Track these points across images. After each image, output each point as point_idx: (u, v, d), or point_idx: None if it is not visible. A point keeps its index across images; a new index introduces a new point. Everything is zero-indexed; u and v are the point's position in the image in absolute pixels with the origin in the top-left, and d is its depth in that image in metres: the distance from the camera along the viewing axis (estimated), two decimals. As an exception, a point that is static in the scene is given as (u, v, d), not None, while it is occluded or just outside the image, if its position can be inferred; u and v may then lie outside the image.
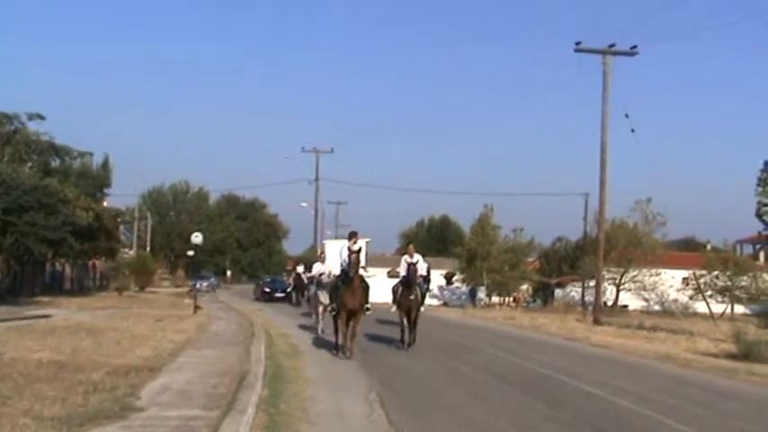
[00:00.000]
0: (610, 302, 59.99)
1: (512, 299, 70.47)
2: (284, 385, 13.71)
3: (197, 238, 39.29)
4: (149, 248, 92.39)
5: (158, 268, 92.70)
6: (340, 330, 19.58)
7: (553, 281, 74.52)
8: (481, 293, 65.63)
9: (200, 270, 72.54)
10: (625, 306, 61.98)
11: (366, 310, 19.57)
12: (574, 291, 68.49)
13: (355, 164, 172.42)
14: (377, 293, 22.49)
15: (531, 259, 75.97)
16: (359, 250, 18.96)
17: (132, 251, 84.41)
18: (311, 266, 33.51)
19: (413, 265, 21.66)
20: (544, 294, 75.21)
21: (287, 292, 53.81)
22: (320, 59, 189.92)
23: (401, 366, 17.94)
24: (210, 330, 24.99)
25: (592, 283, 51.11)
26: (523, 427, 11.23)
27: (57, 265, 61.08)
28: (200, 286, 46.66)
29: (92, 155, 57.65)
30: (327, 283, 23.67)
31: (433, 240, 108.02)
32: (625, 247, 59.62)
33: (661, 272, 62.34)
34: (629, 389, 15.10)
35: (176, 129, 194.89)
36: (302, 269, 44.24)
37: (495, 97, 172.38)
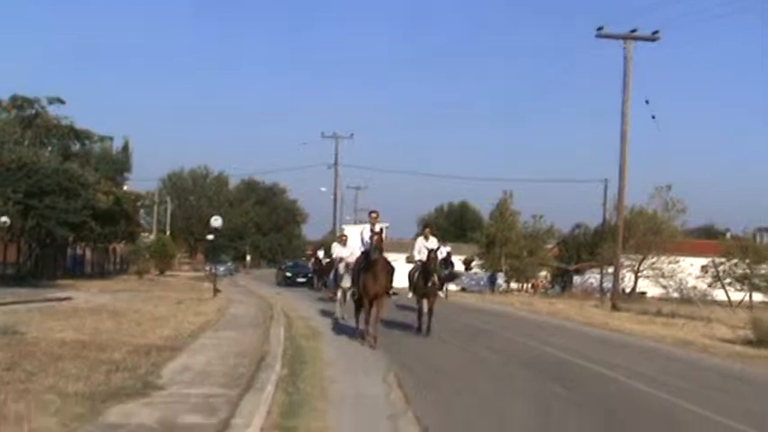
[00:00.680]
0: (628, 289, 59.98)
1: (530, 285, 70.48)
2: (303, 366, 13.82)
3: (216, 221, 39.32)
4: (169, 232, 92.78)
5: (178, 252, 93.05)
6: (361, 315, 18.76)
7: (572, 267, 74.49)
8: (500, 279, 65.67)
9: (220, 254, 72.82)
10: (643, 293, 61.95)
11: (390, 294, 18.94)
12: (592, 277, 68.41)
13: (374, 149, 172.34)
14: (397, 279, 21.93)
15: (550, 245, 75.89)
16: (381, 231, 17.96)
17: (152, 235, 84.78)
18: (330, 249, 33.49)
19: (433, 252, 20.69)
20: (563, 281, 75.19)
21: (309, 277, 53.75)
22: (340, 44, 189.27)
23: (419, 350, 18.02)
24: (230, 313, 25.07)
25: (610, 270, 51.01)
26: (540, 408, 11.30)
27: (77, 248, 61.43)
28: (217, 271, 46.73)
29: (112, 139, 57.76)
30: (349, 267, 23.54)
31: (451, 226, 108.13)
32: (644, 234, 59.60)
33: (680, 259, 62.33)
34: (645, 372, 15.16)
35: (198, 114, 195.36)
36: (322, 254, 44.28)
37: (515, 83, 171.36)
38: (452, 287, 44.71)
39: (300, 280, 55.15)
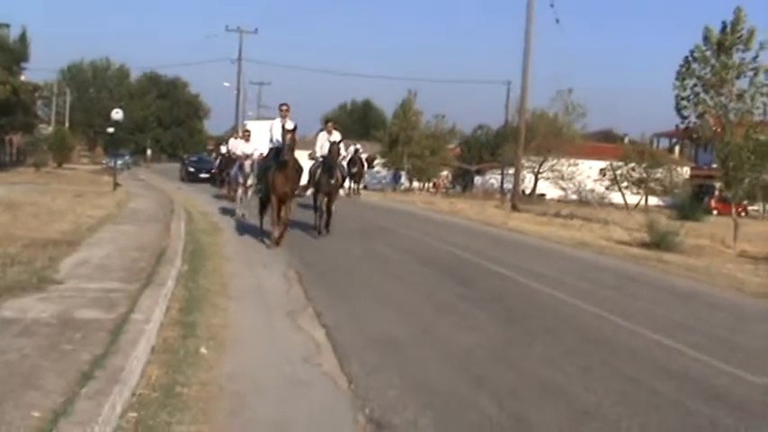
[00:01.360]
0: (528, 191, 61.09)
1: (432, 184, 71.02)
2: (203, 261, 13.79)
3: (117, 114, 38.40)
4: (68, 125, 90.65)
5: (77, 145, 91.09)
6: (267, 215, 18.20)
7: (473, 168, 75.15)
8: (402, 178, 66.06)
9: (120, 148, 71.44)
10: (543, 195, 63.15)
11: (298, 195, 18.62)
12: (493, 178, 69.39)
13: (279, 45, 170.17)
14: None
15: (452, 146, 76.26)
16: (294, 129, 17.05)
17: (50, 127, 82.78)
18: (226, 143, 32.94)
19: (335, 144, 19.66)
20: (464, 181, 75.96)
21: (212, 172, 52.94)
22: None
23: (320, 246, 18.08)
24: (129, 207, 24.70)
25: (511, 171, 51.76)
26: (438, 303, 11.52)
27: (-29, 139, 59.80)
28: (114, 163, 45.70)
29: (8, 26, 55.76)
30: (254, 164, 23.14)
31: (355, 124, 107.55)
32: (545, 136, 60.48)
33: (579, 162, 63.53)
34: (542, 272, 15.50)
35: (98, 5, 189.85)
36: (225, 149, 43.73)
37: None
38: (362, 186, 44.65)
39: (204, 176, 54.23)
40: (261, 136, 21.60)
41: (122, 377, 6.27)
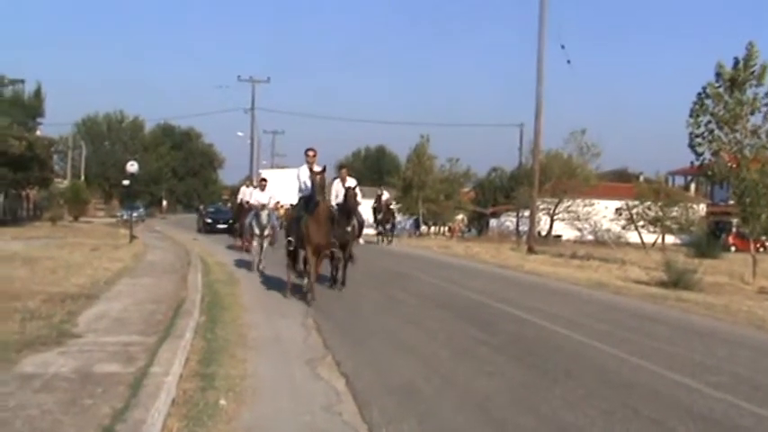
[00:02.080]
0: (544, 232, 60.95)
1: (447, 228, 70.98)
2: (221, 312, 13.81)
3: (132, 166, 38.62)
4: (83, 178, 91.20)
5: (93, 198, 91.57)
6: (297, 268, 17.27)
7: (488, 211, 75.19)
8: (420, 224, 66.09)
9: (136, 200, 71.71)
10: (559, 236, 63.00)
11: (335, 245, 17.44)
12: (508, 221, 69.34)
13: (291, 94, 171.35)
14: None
15: (467, 189, 76.38)
16: (324, 170, 15.99)
17: (66, 181, 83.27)
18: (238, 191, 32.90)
19: (351, 190, 18.65)
20: (479, 224, 75.98)
21: (230, 223, 52.83)
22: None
23: (337, 293, 18.05)
24: (146, 259, 24.81)
25: (526, 213, 51.64)
26: (457, 349, 11.45)
27: (-11, 195, 60.13)
28: (127, 216, 45.79)
29: (23, 82, 56.32)
30: (270, 213, 23.18)
31: (369, 170, 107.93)
32: (559, 177, 60.50)
33: (594, 202, 63.45)
34: (560, 314, 15.44)
35: (111, 58, 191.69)
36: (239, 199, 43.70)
37: (432, 27, 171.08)
38: (369, 230, 44.54)
39: (222, 226, 54.06)
40: (276, 185, 21.51)
41: (143, 430, 6.27)
